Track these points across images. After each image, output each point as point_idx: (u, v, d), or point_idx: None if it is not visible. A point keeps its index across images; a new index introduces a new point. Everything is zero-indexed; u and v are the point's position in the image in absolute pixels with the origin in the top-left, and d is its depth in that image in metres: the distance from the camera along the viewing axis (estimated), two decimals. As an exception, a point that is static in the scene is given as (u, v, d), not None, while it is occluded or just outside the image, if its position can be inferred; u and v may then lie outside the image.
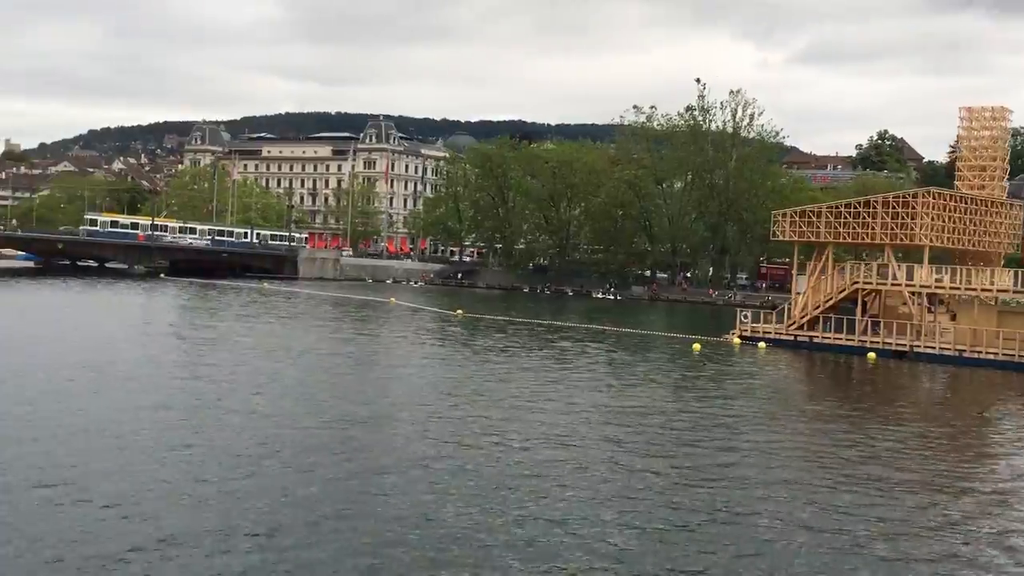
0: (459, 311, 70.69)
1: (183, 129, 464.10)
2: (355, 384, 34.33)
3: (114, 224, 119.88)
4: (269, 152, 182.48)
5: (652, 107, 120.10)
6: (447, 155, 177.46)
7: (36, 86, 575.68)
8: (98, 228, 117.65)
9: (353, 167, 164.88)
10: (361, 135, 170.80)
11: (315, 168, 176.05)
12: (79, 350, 38.77)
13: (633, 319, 75.23)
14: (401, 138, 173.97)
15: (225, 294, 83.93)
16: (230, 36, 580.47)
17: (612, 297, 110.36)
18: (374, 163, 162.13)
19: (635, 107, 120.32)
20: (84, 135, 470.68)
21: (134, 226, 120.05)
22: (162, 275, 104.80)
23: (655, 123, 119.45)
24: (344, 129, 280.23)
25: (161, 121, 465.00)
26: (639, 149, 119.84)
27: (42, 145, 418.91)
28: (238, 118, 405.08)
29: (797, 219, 57.37)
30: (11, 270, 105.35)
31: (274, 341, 47.28)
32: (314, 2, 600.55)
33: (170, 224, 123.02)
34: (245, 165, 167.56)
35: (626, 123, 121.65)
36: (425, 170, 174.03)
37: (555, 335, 57.73)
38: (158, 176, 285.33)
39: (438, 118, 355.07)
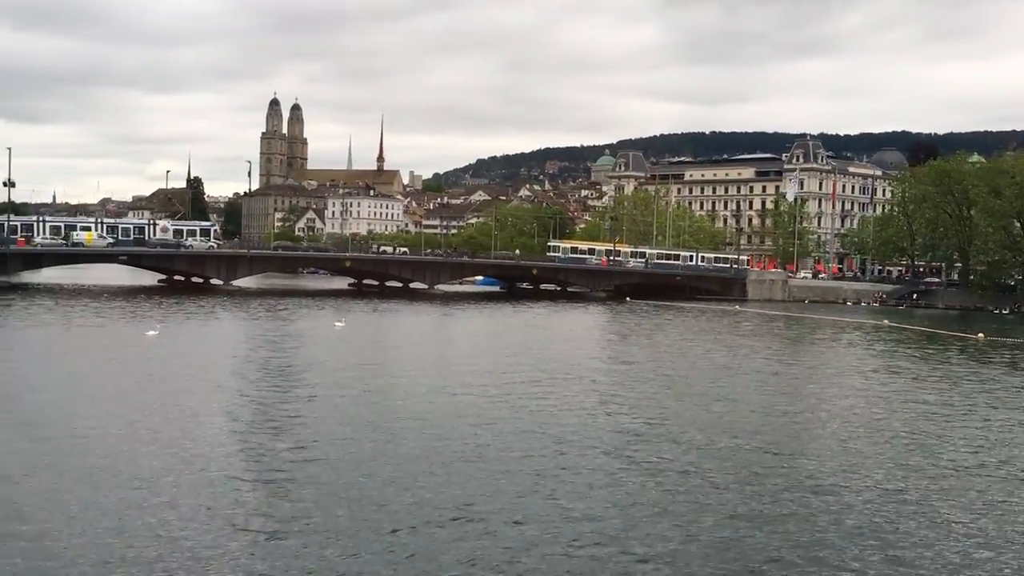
0: (980, 335, 69.73)
1: (563, 155, 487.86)
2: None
3: (573, 250, 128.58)
4: (691, 175, 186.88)
5: None
6: (874, 172, 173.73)
7: (434, 120, 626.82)
8: (559, 254, 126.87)
9: (778, 188, 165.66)
10: (786, 155, 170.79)
11: (738, 190, 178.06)
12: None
13: None
14: (829, 157, 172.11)
15: (709, 316, 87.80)
16: (609, 63, 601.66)
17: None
18: (802, 183, 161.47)
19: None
20: (472, 164, 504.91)
21: (591, 251, 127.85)
22: (627, 299, 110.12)
23: None
24: (721, 149, 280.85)
25: (542, 148, 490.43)
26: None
27: (436, 175, 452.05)
28: (614, 141, 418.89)
29: None
30: (483, 294, 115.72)
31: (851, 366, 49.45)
32: (692, 25, 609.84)
33: (622, 249, 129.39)
34: (665, 189, 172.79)
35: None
36: (857, 188, 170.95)
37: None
38: (563, 201, 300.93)
39: (815, 132, 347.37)
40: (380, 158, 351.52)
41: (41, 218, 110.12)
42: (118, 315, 65.63)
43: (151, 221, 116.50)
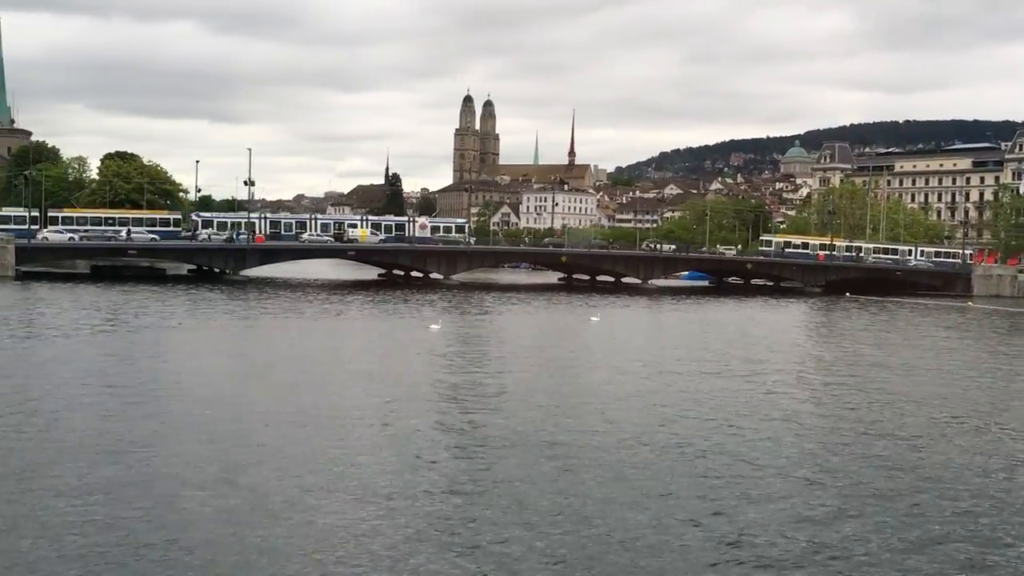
0: None
1: (748, 147, 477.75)
2: None
3: (787, 245, 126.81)
4: (902, 167, 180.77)
5: None
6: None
7: (617, 114, 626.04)
8: (772, 249, 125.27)
9: (997, 179, 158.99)
10: (1006, 144, 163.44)
11: (953, 181, 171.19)
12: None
13: None
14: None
15: (943, 313, 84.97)
16: (797, 52, 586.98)
17: None
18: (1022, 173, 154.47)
19: None
20: (655, 157, 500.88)
21: (804, 246, 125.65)
22: (847, 293, 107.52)
23: None
24: (915, 138, 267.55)
25: (726, 140, 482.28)
26: None
27: (618, 168, 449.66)
28: (802, 132, 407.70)
29: None
30: (696, 289, 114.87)
31: None
32: (887, 11, 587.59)
33: (836, 243, 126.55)
34: (876, 181, 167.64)
35: None
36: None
37: None
38: (758, 194, 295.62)
39: (1019, 120, 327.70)
40: (571, 152, 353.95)
41: (313, 216, 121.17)
42: (371, 308, 69.06)
43: (410, 218, 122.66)
